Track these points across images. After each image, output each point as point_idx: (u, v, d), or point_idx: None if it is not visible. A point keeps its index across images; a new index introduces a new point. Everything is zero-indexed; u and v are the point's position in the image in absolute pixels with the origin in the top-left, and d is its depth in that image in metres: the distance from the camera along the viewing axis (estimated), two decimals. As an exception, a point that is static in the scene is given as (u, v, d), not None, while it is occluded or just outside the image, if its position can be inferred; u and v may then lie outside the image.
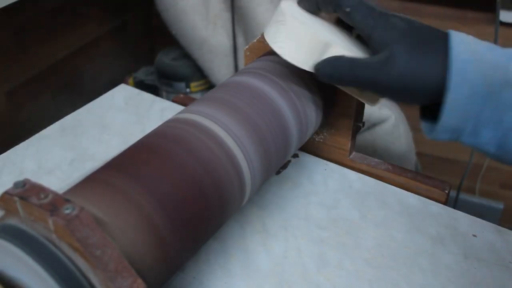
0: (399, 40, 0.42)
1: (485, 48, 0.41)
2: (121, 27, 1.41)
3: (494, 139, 0.41)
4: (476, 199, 1.41)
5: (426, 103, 0.43)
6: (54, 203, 0.32)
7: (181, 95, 0.73)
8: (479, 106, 0.40)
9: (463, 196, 1.39)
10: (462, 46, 0.41)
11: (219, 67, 1.24)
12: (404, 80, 0.42)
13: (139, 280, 0.32)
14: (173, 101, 0.72)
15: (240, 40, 1.23)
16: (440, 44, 0.42)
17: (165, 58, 1.34)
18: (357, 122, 0.57)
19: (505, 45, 0.42)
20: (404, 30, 0.43)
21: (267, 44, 0.54)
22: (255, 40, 0.55)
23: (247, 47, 0.57)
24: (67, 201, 0.32)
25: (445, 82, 0.40)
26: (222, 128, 0.44)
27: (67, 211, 0.31)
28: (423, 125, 0.45)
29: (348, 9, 0.44)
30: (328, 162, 0.61)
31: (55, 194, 0.33)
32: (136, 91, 0.75)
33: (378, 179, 0.58)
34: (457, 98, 0.40)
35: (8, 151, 0.62)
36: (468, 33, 0.42)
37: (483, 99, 0.40)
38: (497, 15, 1.09)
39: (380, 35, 0.43)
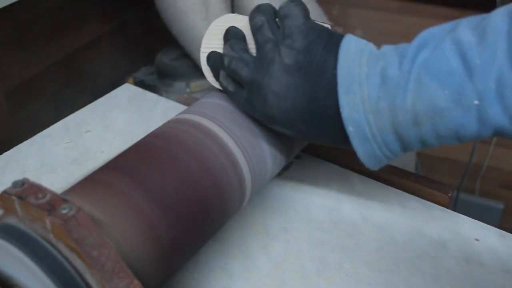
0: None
1: (373, 88, 0.39)
2: (121, 27, 1.41)
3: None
4: (476, 199, 1.40)
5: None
6: (52, 203, 0.32)
7: (185, 95, 0.73)
8: (395, 148, 0.41)
9: (463, 196, 1.38)
10: (351, 101, 0.40)
11: (219, 67, 1.24)
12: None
13: (136, 281, 0.32)
14: (177, 101, 0.72)
15: (240, 40, 1.22)
16: (328, 110, 0.41)
17: (165, 58, 1.34)
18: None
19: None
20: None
21: None
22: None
23: None
24: (65, 201, 0.32)
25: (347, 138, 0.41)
26: (222, 129, 0.44)
27: (65, 211, 0.31)
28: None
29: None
30: (331, 164, 0.60)
31: (53, 194, 0.33)
32: (140, 90, 0.75)
33: (380, 182, 0.58)
34: (367, 154, 0.42)
35: (11, 150, 0.62)
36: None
37: (396, 143, 0.40)
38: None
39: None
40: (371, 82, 0.39)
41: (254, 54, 0.45)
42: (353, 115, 0.39)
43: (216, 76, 0.48)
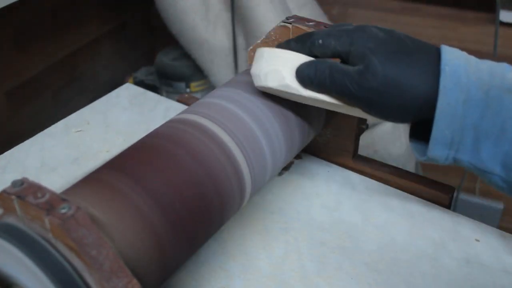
0: (377, 49, 0.39)
1: (477, 59, 0.38)
2: (121, 27, 1.41)
3: (498, 155, 0.37)
4: (476, 199, 1.40)
5: (415, 119, 0.40)
6: (51, 203, 0.32)
7: (186, 95, 0.73)
8: (476, 114, 0.36)
9: (463, 196, 1.38)
10: (454, 54, 0.38)
11: (219, 67, 1.24)
12: (386, 90, 0.38)
13: (134, 281, 0.32)
14: (178, 100, 0.72)
15: (240, 40, 1.22)
16: (428, 54, 0.39)
17: (165, 58, 1.34)
18: (361, 124, 0.57)
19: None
20: (383, 39, 0.39)
21: (272, 45, 0.54)
22: (259, 41, 0.55)
23: (251, 47, 0.56)
24: (64, 200, 0.32)
25: (436, 89, 0.37)
26: (222, 129, 0.44)
27: (63, 211, 0.31)
28: (414, 146, 0.41)
29: (320, 41, 0.42)
30: (331, 164, 0.60)
31: (52, 193, 0.33)
32: (141, 90, 0.75)
33: (381, 182, 0.58)
34: (450, 103, 0.36)
35: (12, 149, 0.63)
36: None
37: (480, 107, 0.36)
38: (497, 15, 1.08)
39: (358, 47, 0.40)
40: None
41: None
42: (453, 62, 0.37)
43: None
